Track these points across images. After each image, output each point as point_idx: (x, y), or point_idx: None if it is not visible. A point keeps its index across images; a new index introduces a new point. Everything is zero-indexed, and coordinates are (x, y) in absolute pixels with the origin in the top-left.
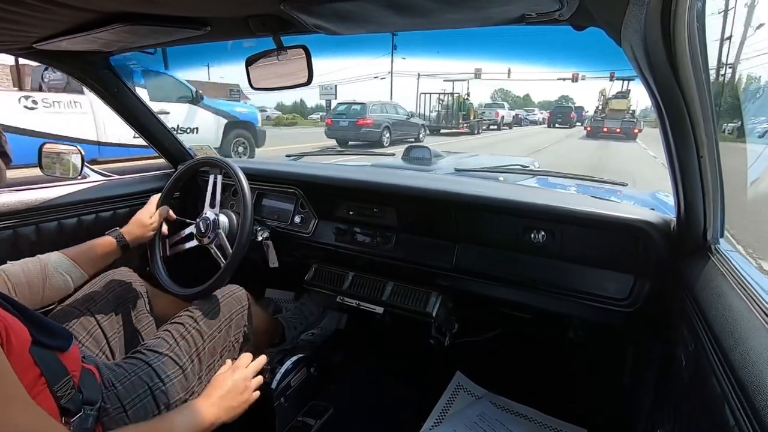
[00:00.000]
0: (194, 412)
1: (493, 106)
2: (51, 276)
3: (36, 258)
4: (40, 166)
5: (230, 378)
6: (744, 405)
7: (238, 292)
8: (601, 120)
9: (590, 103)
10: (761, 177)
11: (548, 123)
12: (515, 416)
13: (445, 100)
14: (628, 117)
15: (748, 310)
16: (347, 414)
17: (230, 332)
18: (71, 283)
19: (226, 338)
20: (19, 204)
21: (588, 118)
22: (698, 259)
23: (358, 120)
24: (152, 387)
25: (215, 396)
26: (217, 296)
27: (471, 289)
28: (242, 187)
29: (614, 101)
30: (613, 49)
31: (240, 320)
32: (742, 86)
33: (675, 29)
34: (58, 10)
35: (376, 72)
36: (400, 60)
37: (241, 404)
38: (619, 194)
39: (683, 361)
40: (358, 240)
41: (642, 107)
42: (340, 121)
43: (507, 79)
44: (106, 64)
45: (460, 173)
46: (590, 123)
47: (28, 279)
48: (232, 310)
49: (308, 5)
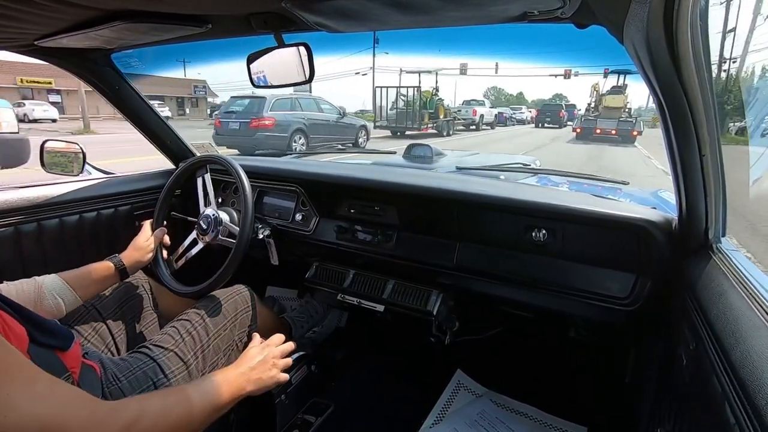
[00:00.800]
0: (223, 379)
1: (471, 104)
2: (43, 299)
3: (32, 279)
4: (42, 163)
5: (261, 353)
6: (744, 404)
7: (244, 291)
8: (593, 119)
9: (583, 100)
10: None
11: (535, 122)
12: (516, 414)
13: (408, 96)
14: (624, 116)
15: (749, 309)
16: (348, 411)
17: (235, 331)
18: (63, 308)
19: (231, 336)
20: (21, 201)
21: (578, 118)
22: (700, 258)
23: (251, 121)
24: (156, 382)
25: (245, 366)
26: (223, 294)
27: (472, 288)
28: (243, 184)
29: (609, 97)
30: (609, 46)
31: (245, 319)
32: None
33: (678, 28)
34: (59, 8)
35: (357, 68)
36: (384, 56)
37: (268, 380)
38: (621, 193)
39: (684, 359)
40: (359, 238)
41: (638, 105)
42: (230, 123)
43: (495, 75)
44: (107, 62)
45: (462, 171)
46: (580, 123)
47: (21, 301)
48: (238, 308)
49: (310, 3)
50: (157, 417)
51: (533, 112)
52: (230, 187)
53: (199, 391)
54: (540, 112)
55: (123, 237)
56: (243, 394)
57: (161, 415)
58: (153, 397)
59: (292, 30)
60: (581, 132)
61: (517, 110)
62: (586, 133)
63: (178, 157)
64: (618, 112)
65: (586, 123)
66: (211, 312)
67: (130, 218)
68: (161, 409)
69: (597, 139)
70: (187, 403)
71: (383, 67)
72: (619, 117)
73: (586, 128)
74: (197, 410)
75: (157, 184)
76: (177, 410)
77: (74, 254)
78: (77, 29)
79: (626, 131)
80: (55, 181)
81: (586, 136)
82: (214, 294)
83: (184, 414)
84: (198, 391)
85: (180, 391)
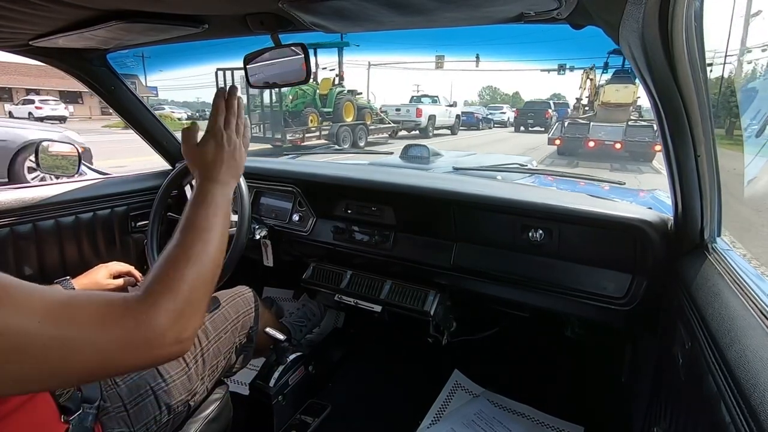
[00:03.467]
0: (210, 202)
1: (422, 101)
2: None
3: None
4: (38, 164)
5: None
6: (740, 403)
7: (246, 293)
8: (584, 125)
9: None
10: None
11: (515, 125)
12: (513, 414)
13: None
14: (635, 118)
15: (744, 308)
16: (345, 412)
17: (236, 333)
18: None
19: (232, 339)
20: (17, 202)
21: (559, 121)
22: (695, 258)
23: None
24: (154, 387)
25: (214, 172)
26: (225, 296)
27: (469, 288)
28: (239, 185)
29: (611, 88)
30: (608, 45)
31: (246, 322)
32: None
33: (673, 29)
34: (55, 7)
35: (323, 63)
36: (354, 48)
37: (240, 159)
38: (617, 193)
39: (680, 359)
40: (357, 239)
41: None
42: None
43: (476, 69)
44: (103, 62)
45: (459, 172)
46: (562, 131)
47: None
48: (239, 311)
49: (307, 3)
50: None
51: (515, 112)
52: None
53: (200, 222)
54: (520, 113)
55: (119, 238)
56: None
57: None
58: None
59: (288, 30)
60: (563, 144)
61: (497, 110)
62: (570, 147)
63: (174, 158)
64: (625, 112)
65: (571, 130)
66: (211, 315)
67: (126, 219)
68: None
69: (590, 156)
70: (199, 241)
71: (351, 62)
72: (627, 120)
73: (570, 138)
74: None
75: (154, 184)
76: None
77: (70, 255)
78: (73, 29)
79: (641, 144)
80: (50, 181)
81: (572, 150)
82: (216, 295)
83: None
84: (197, 225)
85: (182, 241)
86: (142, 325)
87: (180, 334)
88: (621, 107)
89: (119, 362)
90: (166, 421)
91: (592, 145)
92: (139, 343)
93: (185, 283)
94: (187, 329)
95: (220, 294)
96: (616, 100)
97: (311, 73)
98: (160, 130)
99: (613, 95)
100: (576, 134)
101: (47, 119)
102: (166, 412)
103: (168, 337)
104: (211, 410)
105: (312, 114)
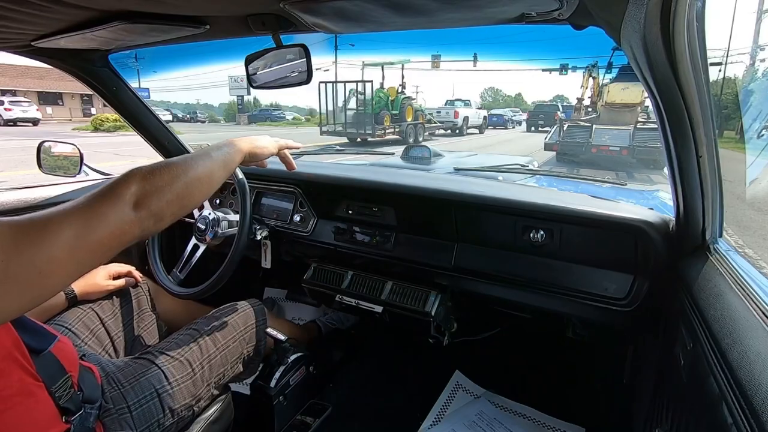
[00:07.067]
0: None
1: (455, 104)
2: None
3: None
4: (39, 164)
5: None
6: (742, 404)
7: (257, 306)
8: (585, 128)
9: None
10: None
11: (527, 126)
12: (514, 415)
13: (365, 94)
14: (643, 120)
15: (746, 309)
16: (346, 413)
17: (244, 344)
18: None
19: (240, 349)
20: (18, 203)
21: (558, 123)
22: (697, 259)
23: None
24: (159, 390)
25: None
26: (234, 307)
27: (470, 289)
28: (241, 185)
29: (617, 87)
30: (609, 45)
31: (255, 334)
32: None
33: (674, 29)
34: (57, 8)
35: (319, 63)
36: (350, 48)
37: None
38: (618, 194)
39: (681, 360)
40: (358, 239)
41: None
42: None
43: (474, 69)
44: (105, 63)
45: (460, 172)
46: (561, 135)
47: None
48: (248, 322)
49: (308, 4)
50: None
51: (527, 115)
52: (228, 188)
53: (204, 151)
54: (531, 115)
55: None
56: (243, 149)
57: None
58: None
59: (290, 31)
60: (561, 151)
61: (517, 113)
62: (569, 153)
63: None
64: (632, 113)
65: (571, 134)
66: (220, 323)
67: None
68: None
69: (592, 164)
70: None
71: (346, 62)
72: (635, 122)
73: (568, 144)
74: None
75: None
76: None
77: None
78: (75, 30)
79: (653, 149)
80: (51, 182)
81: (572, 156)
82: (226, 306)
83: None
84: (200, 153)
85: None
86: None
87: (139, 199)
88: (628, 108)
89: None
90: (170, 424)
91: (594, 152)
92: (109, 194)
93: (170, 176)
94: (149, 203)
95: (228, 305)
96: (622, 100)
97: (312, 74)
98: (162, 130)
99: (620, 94)
100: (576, 139)
101: (19, 121)
102: (170, 415)
103: (128, 195)
104: (213, 411)
105: (387, 115)
